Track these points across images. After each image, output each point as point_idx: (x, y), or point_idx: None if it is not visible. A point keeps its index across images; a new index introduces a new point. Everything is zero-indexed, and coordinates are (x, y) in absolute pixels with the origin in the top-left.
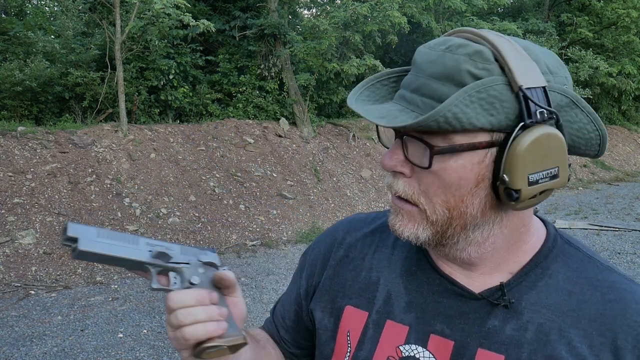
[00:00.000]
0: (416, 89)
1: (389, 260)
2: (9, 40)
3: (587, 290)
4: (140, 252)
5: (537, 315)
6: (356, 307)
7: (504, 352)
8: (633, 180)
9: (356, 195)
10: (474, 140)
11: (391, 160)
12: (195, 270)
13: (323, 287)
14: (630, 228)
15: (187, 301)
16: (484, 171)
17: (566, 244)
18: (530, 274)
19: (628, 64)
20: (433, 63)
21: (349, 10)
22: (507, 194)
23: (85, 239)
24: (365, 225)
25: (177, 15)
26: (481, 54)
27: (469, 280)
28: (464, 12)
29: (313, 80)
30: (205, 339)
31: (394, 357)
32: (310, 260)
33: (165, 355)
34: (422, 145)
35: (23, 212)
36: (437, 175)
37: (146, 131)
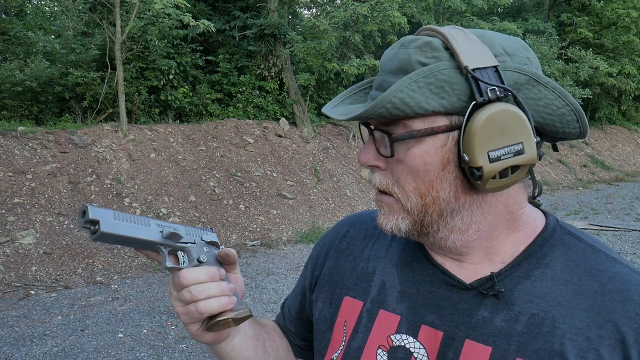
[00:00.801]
0: (378, 85)
1: (386, 251)
2: (9, 40)
3: (586, 280)
4: (153, 233)
5: (529, 305)
6: (353, 298)
7: (492, 343)
8: (633, 180)
9: (356, 195)
10: (432, 125)
11: (365, 155)
12: (202, 249)
13: (324, 278)
14: (630, 228)
15: (200, 277)
16: (448, 154)
17: (567, 235)
18: (523, 263)
19: (628, 64)
20: (391, 60)
21: (349, 10)
22: (470, 173)
23: (105, 221)
24: (369, 219)
25: (177, 15)
26: (430, 44)
27: (461, 270)
28: (464, 12)
29: (313, 80)
30: (218, 312)
31: (384, 346)
32: (315, 252)
33: (165, 355)
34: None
35: (23, 212)
36: (403, 163)
37: (146, 131)
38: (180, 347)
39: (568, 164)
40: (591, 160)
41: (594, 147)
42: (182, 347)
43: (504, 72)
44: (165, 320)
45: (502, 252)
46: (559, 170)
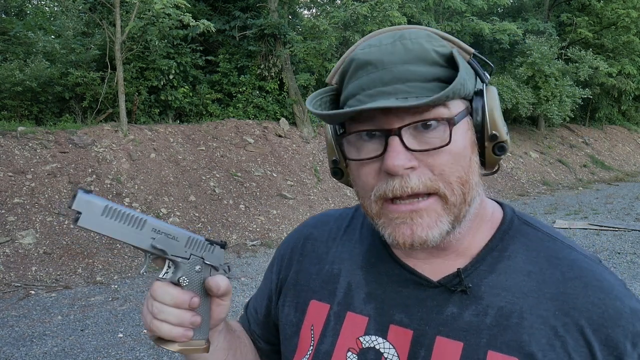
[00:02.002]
0: (393, 79)
1: (350, 253)
2: (9, 40)
3: (547, 269)
4: (142, 238)
5: (496, 298)
6: (319, 301)
7: (463, 338)
8: (633, 180)
9: (356, 195)
10: (460, 109)
11: (399, 159)
12: (192, 268)
13: (290, 282)
14: (630, 228)
15: (165, 299)
16: (471, 136)
17: (524, 224)
18: (487, 257)
19: (628, 64)
20: (395, 53)
21: (349, 10)
22: (499, 149)
23: (87, 214)
24: (332, 220)
25: (177, 15)
26: (431, 35)
27: (429, 267)
28: (463, 12)
29: (313, 80)
30: (167, 339)
31: (354, 349)
32: (279, 255)
33: (165, 355)
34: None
35: (23, 212)
36: (449, 152)
37: (146, 131)
38: None
39: (568, 164)
40: (591, 160)
41: (594, 147)
42: None
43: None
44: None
45: (472, 245)
46: (558, 170)
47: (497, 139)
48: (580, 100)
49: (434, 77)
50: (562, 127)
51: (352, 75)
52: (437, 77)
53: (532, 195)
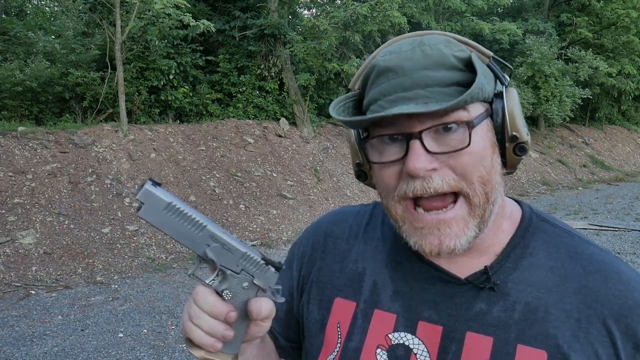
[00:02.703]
0: (413, 84)
1: (374, 251)
2: (9, 40)
3: (568, 264)
4: (197, 242)
5: (523, 294)
6: (344, 299)
7: (492, 334)
8: (633, 180)
9: (356, 195)
10: (480, 111)
11: (420, 162)
12: (240, 283)
13: (313, 280)
14: (630, 228)
15: (203, 305)
16: (492, 137)
17: (542, 222)
18: (511, 254)
19: (628, 64)
20: (415, 59)
21: (349, 10)
22: (520, 150)
23: (150, 207)
24: (351, 217)
25: (177, 16)
26: (450, 40)
27: (453, 265)
28: (463, 12)
29: (313, 80)
30: (197, 344)
31: (383, 346)
32: (299, 252)
33: (165, 355)
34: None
35: (23, 212)
36: (470, 153)
37: (146, 131)
38: (180, 347)
39: (568, 164)
40: (591, 160)
41: (593, 147)
42: (182, 347)
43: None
44: (166, 320)
45: (495, 243)
46: (558, 170)
47: (518, 140)
48: (580, 100)
49: (452, 81)
50: (562, 127)
51: (374, 81)
52: (456, 82)
53: (532, 196)
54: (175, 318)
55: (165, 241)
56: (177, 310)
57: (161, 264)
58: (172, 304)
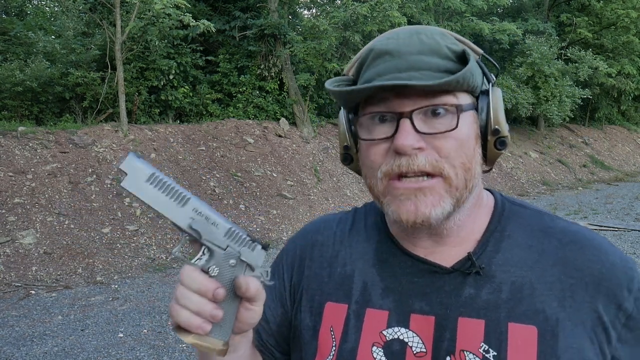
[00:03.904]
0: (408, 67)
1: (360, 253)
2: (9, 40)
3: (544, 239)
4: (181, 216)
5: (507, 274)
6: (335, 302)
7: (484, 316)
8: (632, 180)
9: (356, 195)
10: (469, 101)
11: (408, 139)
12: (226, 260)
13: (303, 288)
14: (629, 228)
15: (189, 284)
16: (476, 129)
17: (514, 205)
18: (490, 239)
19: (627, 64)
20: (411, 45)
21: (348, 10)
22: (500, 143)
23: (133, 177)
24: (334, 224)
25: (177, 16)
26: (444, 33)
27: (438, 256)
28: (463, 12)
29: (313, 80)
30: (184, 326)
31: (378, 343)
32: (287, 262)
33: (165, 355)
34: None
35: (23, 212)
36: (455, 138)
37: (146, 131)
38: (180, 347)
39: (568, 164)
40: (591, 160)
41: (593, 147)
42: (182, 347)
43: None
44: (166, 320)
45: (475, 229)
46: (558, 170)
47: (499, 134)
48: (579, 101)
49: (445, 69)
50: (562, 127)
51: (370, 63)
52: (448, 70)
53: (532, 195)
54: None
55: (165, 241)
56: None
57: (161, 264)
58: None
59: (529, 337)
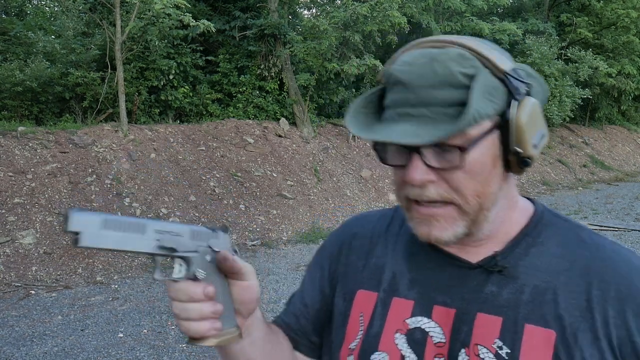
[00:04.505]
0: (418, 102)
1: (393, 246)
2: (9, 40)
3: (577, 249)
4: (146, 243)
5: (532, 277)
6: (367, 290)
7: (502, 314)
8: (632, 180)
9: (356, 195)
10: (483, 129)
11: (417, 174)
12: (203, 258)
13: (339, 275)
14: (630, 228)
15: (180, 297)
16: (495, 151)
17: (554, 217)
18: (522, 242)
19: (627, 64)
20: (424, 76)
21: (348, 10)
22: (522, 163)
23: (87, 232)
24: (375, 219)
25: (177, 16)
26: (462, 55)
27: (464, 253)
28: (463, 12)
29: (313, 80)
30: (198, 337)
31: (401, 330)
32: (328, 253)
33: (165, 355)
34: (445, 150)
35: (23, 212)
36: (464, 171)
37: (146, 131)
38: (180, 347)
39: (568, 164)
40: (591, 160)
41: (593, 147)
42: (182, 347)
43: (518, 71)
44: (165, 320)
45: (502, 232)
46: (558, 170)
47: (519, 155)
48: (580, 101)
49: (457, 101)
50: (562, 127)
51: (390, 88)
52: (460, 101)
53: (532, 196)
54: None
55: None
56: None
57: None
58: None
59: (546, 340)
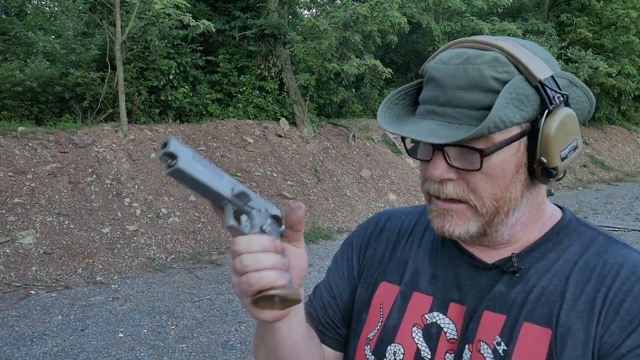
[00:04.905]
0: (446, 102)
1: (419, 241)
2: (9, 40)
3: (592, 258)
4: (224, 187)
5: (542, 280)
6: (390, 283)
7: (507, 312)
8: (632, 180)
9: (356, 195)
10: (509, 135)
11: (437, 170)
12: (266, 219)
13: (365, 265)
14: (630, 228)
15: (254, 246)
16: (521, 158)
17: (582, 226)
18: (541, 246)
19: (627, 64)
20: (455, 77)
21: (348, 10)
22: (546, 173)
23: (184, 158)
24: (403, 214)
25: (177, 16)
26: (498, 59)
27: (485, 254)
28: (463, 12)
29: (313, 80)
30: (268, 287)
31: (419, 324)
32: (357, 244)
33: (165, 355)
34: (467, 151)
35: (23, 212)
36: (484, 173)
37: (146, 131)
38: (180, 347)
39: None
40: (591, 160)
41: (593, 147)
42: (182, 347)
43: (558, 79)
44: (166, 320)
45: (524, 237)
46: None
47: (544, 165)
48: None
49: (484, 105)
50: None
51: (426, 83)
52: (488, 105)
53: None
54: (175, 318)
55: (165, 241)
56: (177, 310)
57: (161, 264)
58: (172, 304)
59: (540, 339)
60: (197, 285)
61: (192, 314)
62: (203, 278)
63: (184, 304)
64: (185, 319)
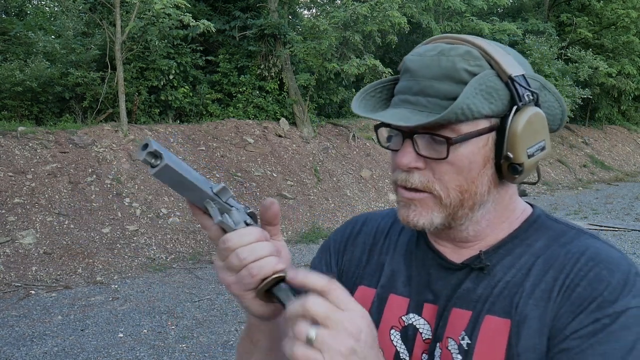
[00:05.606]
0: (419, 91)
1: (395, 243)
2: (9, 40)
3: (557, 249)
4: (205, 185)
5: (507, 275)
6: (367, 286)
7: (472, 308)
8: (632, 180)
9: (356, 195)
10: (477, 128)
11: (405, 158)
12: (244, 215)
13: (344, 270)
14: (629, 228)
15: (246, 239)
16: (488, 153)
17: (551, 221)
18: (508, 243)
19: (627, 64)
20: (429, 67)
21: (348, 10)
22: (512, 169)
23: (167, 156)
24: (379, 217)
25: (177, 16)
26: (471, 53)
27: (456, 254)
28: (463, 12)
29: (313, 80)
30: (271, 273)
31: (397, 327)
32: (335, 248)
33: (165, 355)
34: (435, 139)
35: (23, 212)
36: (450, 163)
37: (146, 131)
38: (180, 347)
39: (568, 164)
40: (591, 160)
41: (593, 147)
42: (182, 347)
43: (529, 79)
44: (166, 320)
45: (492, 235)
46: (558, 170)
47: (510, 160)
48: (580, 101)
49: (454, 95)
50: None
51: (402, 74)
52: (458, 96)
53: (532, 195)
54: (175, 318)
55: (165, 241)
56: (177, 310)
57: (161, 264)
58: (172, 304)
59: (500, 330)
60: (197, 285)
61: (192, 314)
62: (203, 278)
63: (184, 304)
64: (185, 319)
